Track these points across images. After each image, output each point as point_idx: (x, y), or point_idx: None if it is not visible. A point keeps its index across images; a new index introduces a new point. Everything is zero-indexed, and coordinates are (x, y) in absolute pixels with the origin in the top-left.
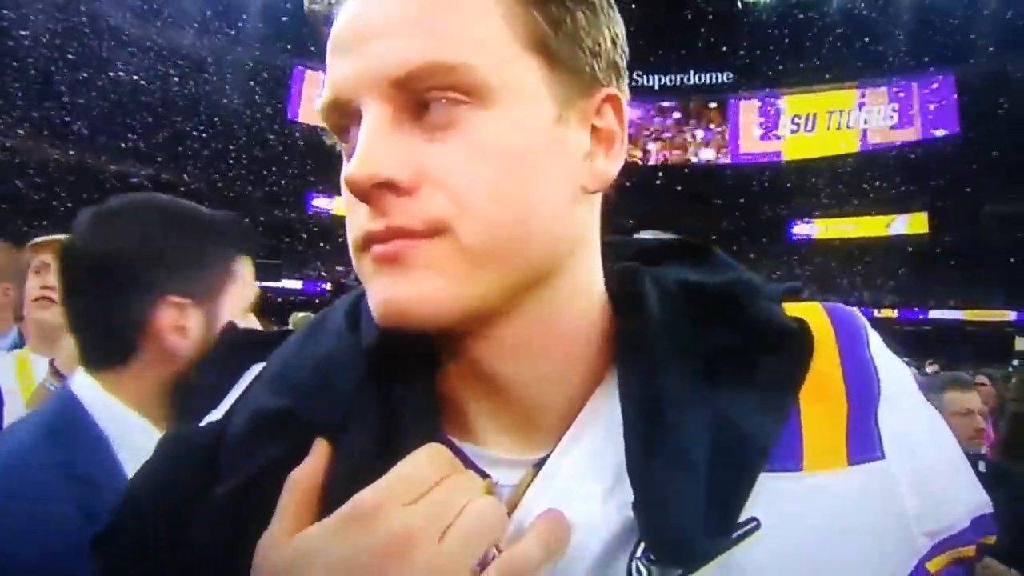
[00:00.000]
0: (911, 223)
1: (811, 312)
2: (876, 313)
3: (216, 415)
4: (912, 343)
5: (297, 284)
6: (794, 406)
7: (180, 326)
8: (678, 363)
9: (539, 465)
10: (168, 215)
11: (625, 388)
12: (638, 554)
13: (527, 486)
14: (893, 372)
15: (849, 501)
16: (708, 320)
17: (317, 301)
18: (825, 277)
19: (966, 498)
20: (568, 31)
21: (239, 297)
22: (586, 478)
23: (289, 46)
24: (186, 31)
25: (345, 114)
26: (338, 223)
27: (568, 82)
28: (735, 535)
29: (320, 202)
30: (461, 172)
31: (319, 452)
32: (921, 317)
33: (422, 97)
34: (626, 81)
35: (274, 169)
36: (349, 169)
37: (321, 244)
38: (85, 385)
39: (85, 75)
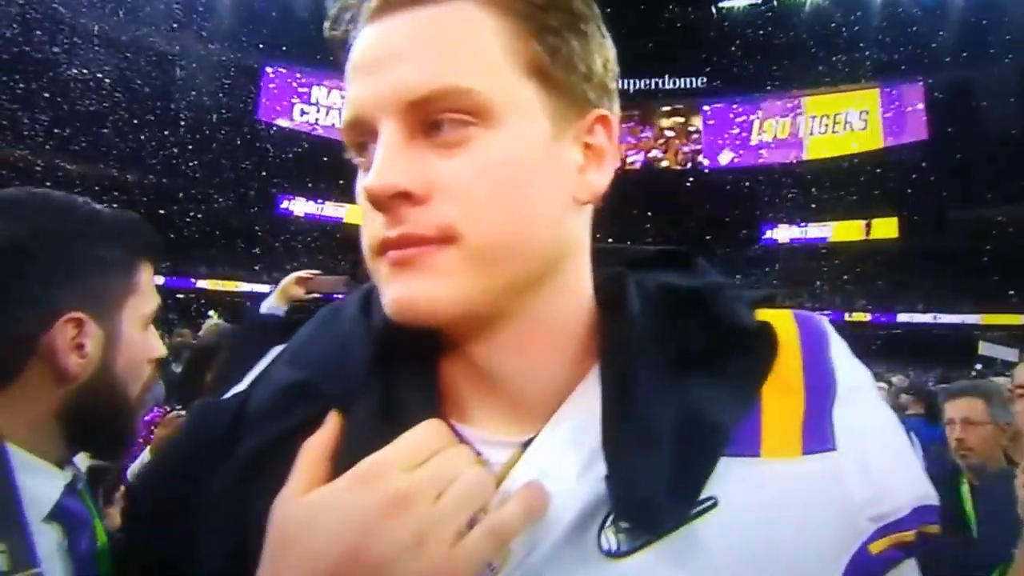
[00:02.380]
0: (881, 228)
1: (781, 317)
2: (848, 316)
3: (240, 387)
4: (882, 346)
5: (266, 288)
6: (756, 398)
7: (79, 344)
8: (652, 356)
9: (526, 445)
10: (63, 215)
11: (605, 378)
12: (607, 524)
13: (514, 463)
14: (851, 373)
15: (801, 486)
16: (680, 318)
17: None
18: (797, 281)
19: (910, 489)
20: (563, 58)
21: (140, 309)
22: (564, 456)
23: (260, 45)
24: (154, 28)
25: (364, 131)
26: (306, 226)
27: (563, 104)
28: (695, 510)
29: (288, 204)
30: (469, 185)
31: (332, 422)
32: (891, 321)
33: (434, 117)
34: (617, 101)
35: (242, 170)
36: (368, 181)
37: (290, 246)
38: None
39: (47, 73)
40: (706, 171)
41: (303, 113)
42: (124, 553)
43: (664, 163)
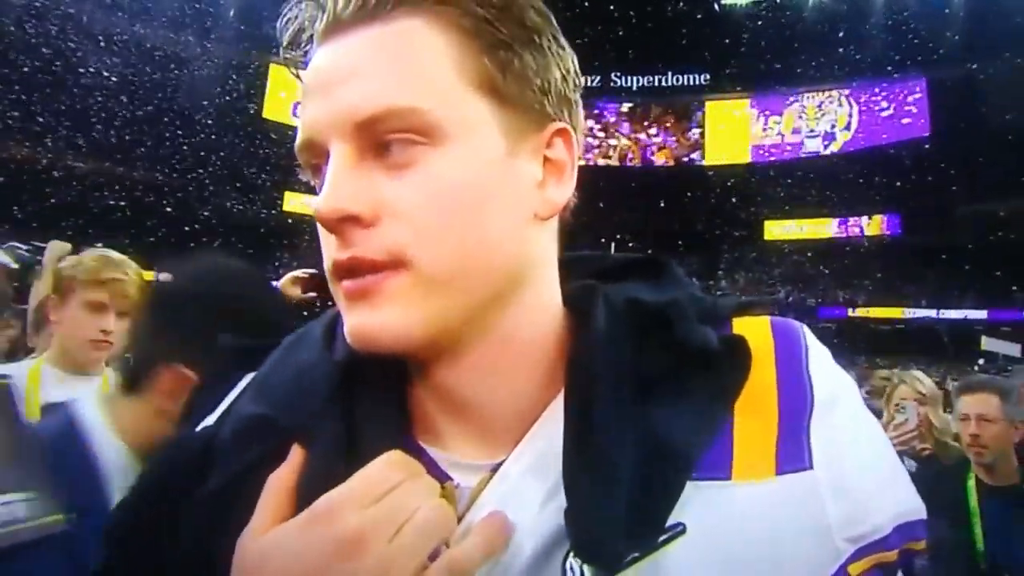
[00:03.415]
0: (884, 224)
1: (757, 328)
2: (851, 312)
3: (210, 420)
4: (886, 343)
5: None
6: (726, 419)
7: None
8: (617, 383)
9: (496, 468)
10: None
11: (568, 402)
12: (572, 554)
13: (483, 488)
14: (828, 385)
15: (775, 509)
16: (646, 339)
17: None
18: (800, 278)
19: (891, 505)
20: (516, 73)
21: None
22: (530, 483)
23: (266, 44)
24: (161, 28)
25: (316, 154)
26: (314, 224)
27: (518, 119)
28: (661, 538)
29: (296, 203)
30: (418, 206)
31: (295, 457)
32: (895, 317)
33: (383, 138)
34: (580, 112)
35: (251, 169)
36: (317, 204)
37: (298, 245)
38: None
39: (57, 73)
40: (707, 168)
41: None
42: None
43: (665, 160)
